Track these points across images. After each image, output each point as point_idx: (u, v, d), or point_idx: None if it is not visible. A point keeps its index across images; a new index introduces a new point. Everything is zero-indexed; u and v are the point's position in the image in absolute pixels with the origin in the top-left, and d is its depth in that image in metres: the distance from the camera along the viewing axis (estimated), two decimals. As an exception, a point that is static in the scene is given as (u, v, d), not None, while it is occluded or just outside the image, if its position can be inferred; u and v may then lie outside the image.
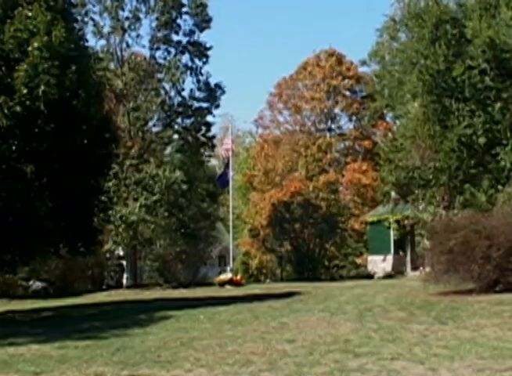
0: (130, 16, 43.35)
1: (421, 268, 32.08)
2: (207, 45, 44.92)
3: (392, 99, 40.01)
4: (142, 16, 43.61)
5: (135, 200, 40.58)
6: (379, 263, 42.85)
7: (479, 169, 36.39)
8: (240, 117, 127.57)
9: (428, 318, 16.48)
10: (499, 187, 32.96)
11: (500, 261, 20.00)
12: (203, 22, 44.86)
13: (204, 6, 44.62)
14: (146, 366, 12.53)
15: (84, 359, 13.62)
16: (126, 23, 43.22)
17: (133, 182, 40.75)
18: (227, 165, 42.27)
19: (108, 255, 42.42)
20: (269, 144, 54.28)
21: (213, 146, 46.87)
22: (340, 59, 54.96)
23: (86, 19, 42.19)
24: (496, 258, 19.98)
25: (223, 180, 42.63)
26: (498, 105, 35.76)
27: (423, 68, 36.62)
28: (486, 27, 36.08)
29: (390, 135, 42.66)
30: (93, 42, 41.87)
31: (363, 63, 43.93)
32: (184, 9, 44.39)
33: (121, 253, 43.74)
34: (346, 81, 54.81)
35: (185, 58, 44.55)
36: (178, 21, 44.36)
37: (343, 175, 52.52)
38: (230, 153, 42.79)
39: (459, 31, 37.43)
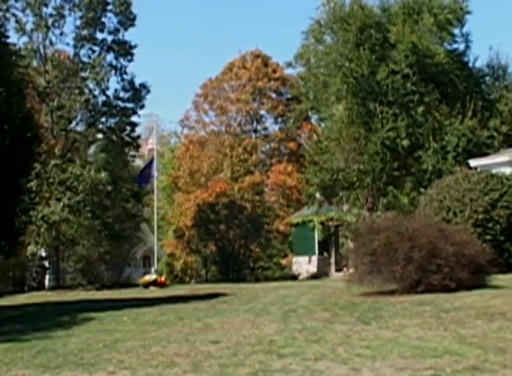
0: (54, 13, 42.73)
1: (345, 269, 32.47)
2: (132, 44, 44.62)
3: (317, 102, 40.42)
4: (66, 13, 43.07)
5: (58, 200, 40.02)
6: (303, 264, 43.12)
7: (402, 172, 37.06)
8: (166, 118, 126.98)
9: (351, 318, 16.63)
10: (422, 190, 33.60)
11: (422, 262, 20.31)
12: (128, 20, 44.54)
13: (128, 4, 44.30)
14: (68, 369, 12.33)
15: (5, 362, 13.33)
16: (50, 20, 42.60)
17: (57, 182, 40.16)
18: (150, 164, 41.85)
19: (30, 256, 41.66)
20: (195, 145, 54.16)
21: (138, 146, 46.55)
22: (265, 61, 55.22)
23: (8, 15, 41.44)
24: (418, 259, 20.29)
25: (142, 178, 42.19)
26: (421, 109, 36.48)
27: (347, 71, 37.10)
28: (409, 33, 36.77)
29: (315, 137, 43.02)
30: (15, 39, 41.11)
31: (289, 65, 44.28)
32: (109, 7, 43.98)
33: (44, 254, 43.04)
34: (272, 82, 55.11)
35: (110, 57, 44.17)
36: (103, 19, 43.95)
37: (268, 177, 52.75)
38: (154, 153, 42.50)
39: (383, 36, 38.06)
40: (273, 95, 55.76)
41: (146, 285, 35.46)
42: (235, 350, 13.09)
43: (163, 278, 38.11)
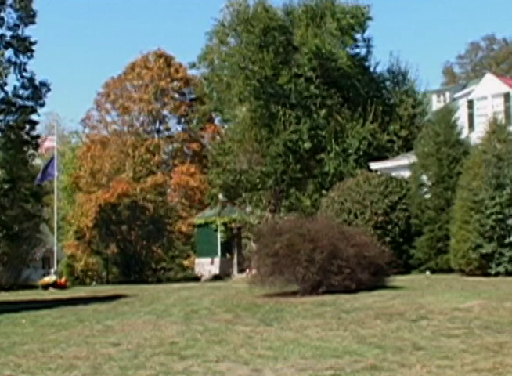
0: (-51, 6, 41.33)
1: (247, 270, 32.54)
2: (32, 40, 43.61)
3: (221, 103, 40.44)
4: (-38, 7, 41.70)
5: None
6: (206, 265, 43.11)
7: (304, 174, 37.46)
8: (67, 117, 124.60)
9: (254, 320, 16.67)
10: (323, 192, 34.04)
11: (323, 263, 20.55)
12: (28, 16, 43.50)
13: (29, 0, 43.29)
14: (-38, 374, 11.95)
15: None
16: None
17: (-49, 181, 38.89)
18: (50, 162, 40.98)
19: None
20: (96, 144, 53.41)
21: (37, 145, 45.52)
22: (168, 61, 54.94)
23: None
24: (320, 261, 20.52)
25: (41, 177, 41.25)
26: (323, 112, 36.96)
27: (250, 73, 37.27)
28: (312, 36, 37.20)
29: (218, 138, 43.08)
30: None
31: (192, 65, 44.09)
32: (8, 2, 42.84)
33: None
34: (175, 83, 54.91)
35: (9, 53, 43.01)
36: (2, 14, 42.77)
37: (171, 177, 52.50)
38: (55, 152, 41.69)
39: (286, 39, 38.40)
40: (176, 96, 55.54)
41: (46, 287, 34.77)
42: (136, 352, 12.94)
43: (63, 280, 37.42)
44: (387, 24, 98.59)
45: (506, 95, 31.44)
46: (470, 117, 32.41)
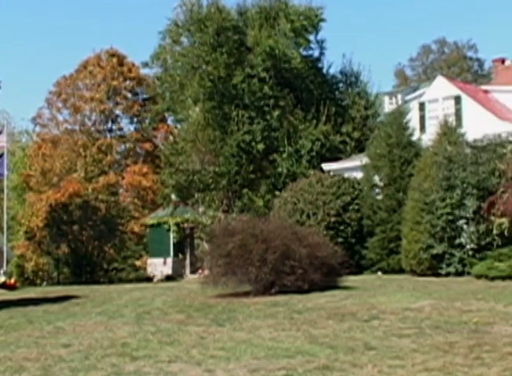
0: None
1: (200, 271, 32.49)
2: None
3: (174, 103, 40.29)
4: None
5: None
6: (159, 266, 42.86)
7: (257, 175, 37.50)
8: (17, 115, 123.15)
9: (206, 320, 16.64)
10: (276, 192, 34.11)
11: (276, 263, 20.61)
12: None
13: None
14: None
15: None
16: None
17: None
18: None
19: None
20: (47, 143, 52.79)
21: (-14, 144, 44.91)
22: (121, 60, 54.54)
23: None
24: (272, 261, 20.57)
25: None
26: (276, 113, 37.03)
27: (204, 74, 37.19)
28: (266, 37, 37.26)
29: (171, 138, 42.89)
30: None
31: (145, 64, 43.83)
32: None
33: None
34: (127, 82, 54.54)
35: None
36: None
37: (123, 177, 52.12)
38: (5, 150, 41.10)
39: (240, 39, 38.39)
40: (129, 95, 55.16)
41: (-5, 288, 34.27)
42: (87, 353, 12.82)
43: (12, 280, 36.90)
44: (341, 26, 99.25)
45: (457, 98, 31.83)
46: (422, 119, 32.74)
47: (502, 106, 32.82)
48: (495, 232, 24.57)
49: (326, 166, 34.24)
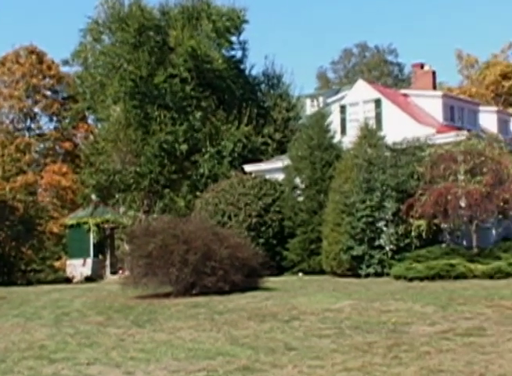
0: None
1: (120, 272, 32.18)
2: None
3: (94, 102, 39.81)
4: None
5: None
6: (78, 267, 42.25)
7: (179, 175, 37.32)
8: None
9: (126, 321, 16.50)
10: (198, 193, 34.02)
11: (197, 264, 20.56)
12: None
13: None
14: None
15: None
16: None
17: None
18: None
19: None
20: (-36, 141, 51.63)
21: None
22: (41, 57, 53.68)
23: None
24: (193, 262, 20.52)
25: None
26: (198, 113, 36.94)
27: (125, 73, 36.85)
28: (188, 37, 37.14)
29: (91, 137, 42.38)
30: None
31: (65, 62, 43.24)
32: None
33: None
34: (47, 80, 53.75)
35: None
36: None
37: (42, 177, 51.32)
38: None
39: (162, 39, 38.18)
40: (48, 93, 54.38)
41: None
42: (3, 356, 12.58)
43: None
44: (264, 28, 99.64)
45: (377, 102, 32.25)
46: (343, 121, 33.07)
47: (421, 110, 33.42)
48: (413, 234, 25.02)
49: (247, 167, 34.31)
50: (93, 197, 39.85)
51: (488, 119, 35.89)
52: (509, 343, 12.30)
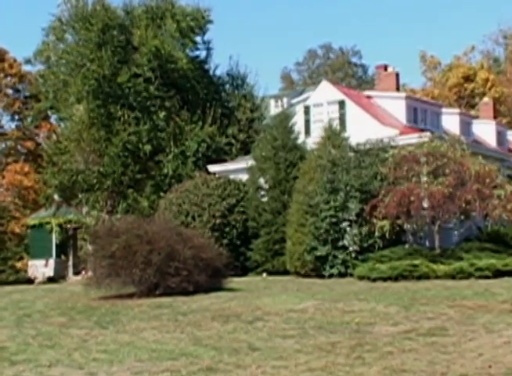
0: None
1: (83, 272, 31.94)
2: None
3: (57, 101, 39.49)
4: None
5: None
6: (40, 268, 41.88)
7: (143, 175, 37.15)
8: None
9: (89, 323, 16.39)
10: (162, 194, 33.90)
11: (161, 265, 20.48)
12: None
13: None
14: None
15: None
16: None
17: None
18: None
19: None
20: None
21: None
22: (2, 55, 53.21)
23: None
24: (157, 263, 20.44)
25: None
26: (162, 113, 36.81)
27: (88, 72, 36.59)
28: (152, 37, 37.01)
29: (54, 137, 42.02)
30: None
31: (28, 61, 42.83)
32: None
33: None
34: (8, 78, 53.34)
35: None
36: None
37: (3, 177, 50.87)
38: None
39: (126, 38, 37.99)
40: (10, 92, 53.94)
41: None
42: (-38, 359, 12.41)
43: None
44: (228, 28, 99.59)
45: (341, 103, 32.37)
46: (307, 122, 33.13)
47: (385, 111, 33.61)
48: (377, 234, 25.15)
49: (211, 168, 34.25)
50: (56, 197, 39.52)
51: (451, 121, 36.17)
52: (470, 343, 12.41)
